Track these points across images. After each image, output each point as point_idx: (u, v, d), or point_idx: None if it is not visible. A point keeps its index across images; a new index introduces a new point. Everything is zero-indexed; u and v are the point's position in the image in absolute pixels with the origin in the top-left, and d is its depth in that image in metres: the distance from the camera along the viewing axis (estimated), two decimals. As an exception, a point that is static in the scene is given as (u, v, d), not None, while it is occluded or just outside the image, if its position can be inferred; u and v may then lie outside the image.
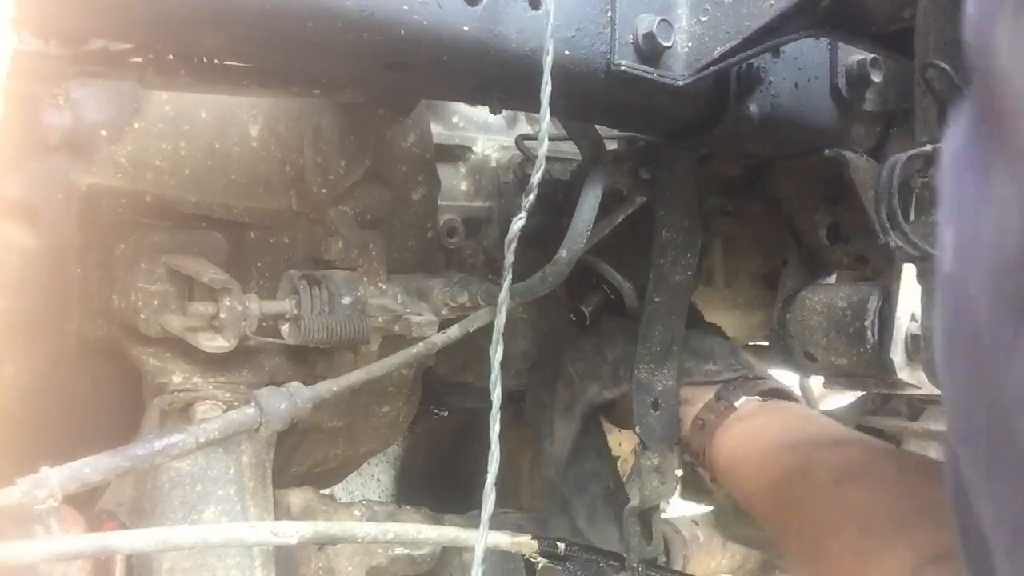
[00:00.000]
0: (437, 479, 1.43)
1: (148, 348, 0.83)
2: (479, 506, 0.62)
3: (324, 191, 0.89)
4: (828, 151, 0.89)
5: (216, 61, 0.67)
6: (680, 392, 0.99)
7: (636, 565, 0.98)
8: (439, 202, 1.03)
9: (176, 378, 0.84)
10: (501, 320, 0.64)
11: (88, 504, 0.81)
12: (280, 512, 0.88)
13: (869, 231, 0.77)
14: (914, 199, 0.72)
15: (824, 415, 1.09)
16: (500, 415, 0.62)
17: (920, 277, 0.81)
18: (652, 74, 0.70)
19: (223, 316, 0.77)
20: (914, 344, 0.91)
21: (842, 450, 0.82)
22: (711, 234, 1.19)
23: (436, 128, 1.06)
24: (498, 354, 0.63)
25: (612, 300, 1.13)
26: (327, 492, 0.98)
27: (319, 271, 0.86)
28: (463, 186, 1.13)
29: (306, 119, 0.88)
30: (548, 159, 0.64)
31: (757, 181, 1.07)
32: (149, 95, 0.80)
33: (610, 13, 0.68)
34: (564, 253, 0.83)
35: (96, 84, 0.77)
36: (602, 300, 1.14)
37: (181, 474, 0.80)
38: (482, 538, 0.63)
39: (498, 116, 1.15)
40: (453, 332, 0.88)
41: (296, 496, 0.91)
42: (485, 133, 1.15)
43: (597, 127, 0.87)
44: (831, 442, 0.84)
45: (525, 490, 1.38)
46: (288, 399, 0.75)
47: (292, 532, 0.73)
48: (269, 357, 0.90)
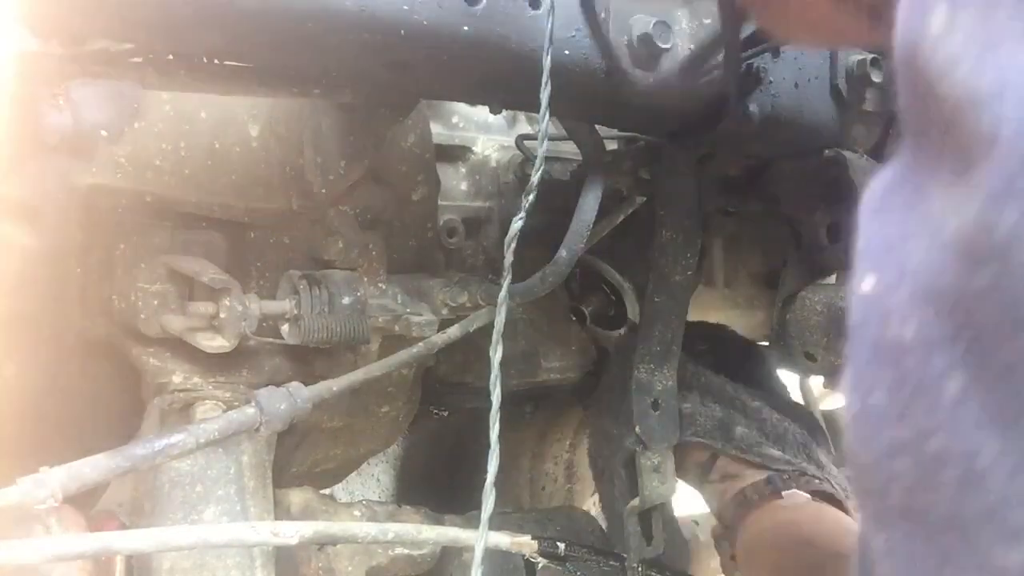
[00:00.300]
0: (437, 479, 1.43)
1: (148, 348, 0.83)
2: (479, 506, 0.62)
3: (324, 191, 0.89)
4: (828, 151, 0.89)
5: (216, 61, 0.67)
6: (733, 465, 0.98)
7: (636, 565, 0.98)
8: (439, 202, 1.03)
9: (176, 378, 0.84)
10: (501, 320, 0.64)
11: (88, 504, 0.81)
12: (280, 512, 0.88)
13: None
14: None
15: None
16: (500, 415, 0.62)
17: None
18: (652, 75, 0.70)
19: (223, 316, 0.77)
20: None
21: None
22: (711, 234, 1.20)
23: (436, 128, 1.06)
24: (498, 354, 0.63)
25: (612, 300, 1.13)
26: (327, 492, 0.98)
27: (319, 271, 0.86)
28: (463, 186, 1.12)
29: (306, 119, 0.88)
30: (548, 159, 0.64)
31: (757, 181, 1.07)
32: (149, 95, 0.80)
33: (606, 14, 0.68)
34: (564, 253, 0.83)
35: (96, 84, 0.77)
36: (602, 300, 1.14)
37: (181, 474, 0.80)
38: (482, 538, 0.63)
39: (498, 116, 1.15)
40: (453, 332, 0.88)
41: (296, 496, 0.91)
42: (485, 133, 1.15)
43: (597, 127, 0.87)
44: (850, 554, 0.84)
45: (525, 490, 1.39)
46: (288, 399, 0.75)
47: (292, 532, 0.73)
48: (269, 357, 0.90)
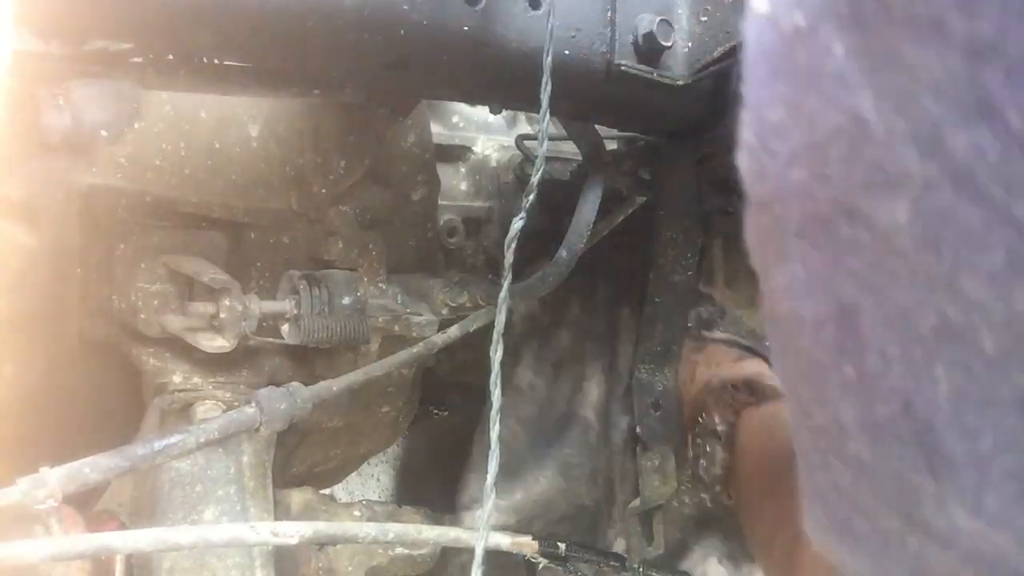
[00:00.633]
0: (437, 479, 1.43)
1: (148, 348, 0.83)
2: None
3: (324, 191, 0.89)
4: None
5: (216, 61, 0.67)
6: (687, 348, 0.98)
7: (636, 565, 0.98)
8: (439, 202, 1.03)
9: (176, 378, 0.84)
10: (501, 320, 0.64)
11: (88, 504, 0.81)
12: (280, 512, 0.88)
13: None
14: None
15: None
16: (500, 415, 0.62)
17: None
18: (652, 74, 0.70)
19: (223, 316, 0.77)
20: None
21: None
22: (711, 234, 1.19)
23: (436, 128, 1.06)
24: (498, 354, 0.63)
25: None
26: (327, 492, 0.98)
27: (319, 271, 0.86)
28: (463, 186, 1.12)
29: (306, 119, 0.88)
30: (548, 159, 0.64)
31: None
32: (149, 95, 0.80)
33: (610, 13, 0.68)
34: (564, 253, 0.83)
35: (96, 84, 0.77)
36: None
37: (181, 474, 0.80)
38: (482, 538, 0.63)
39: (498, 116, 1.15)
40: (453, 332, 0.88)
41: (296, 496, 0.91)
42: (485, 133, 1.15)
43: (597, 127, 0.87)
44: None
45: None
46: (288, 399, 0.75)
47: (292, 532, 0.73)
48: (269, 357, 0.90)
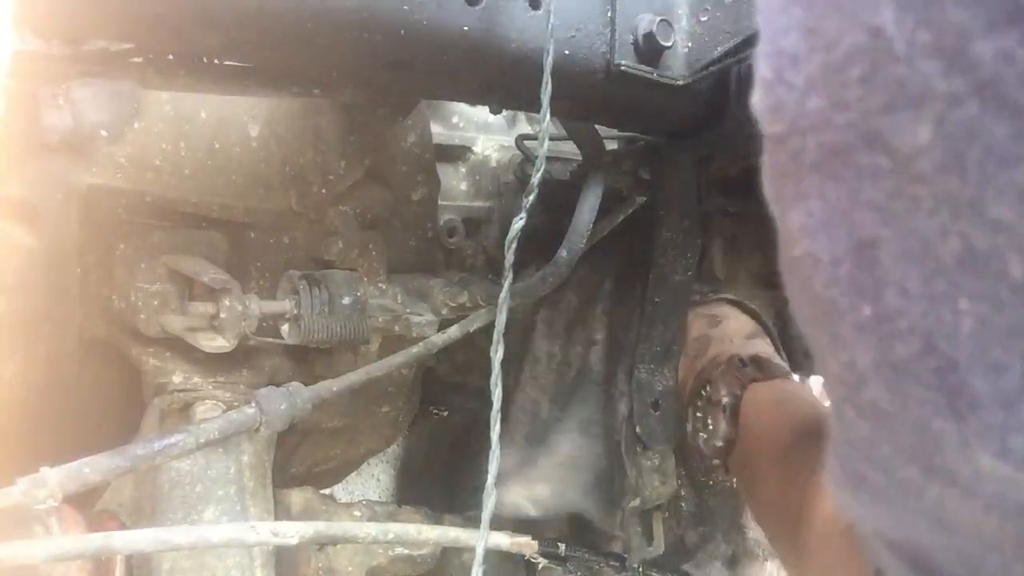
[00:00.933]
0: (437, 479, 1.43)
1: (148, 348, 0.83)
2: (479, 506, 0.62)
3: (324, 191, 0.89)
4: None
5: (216, 61, 0.67)
6: (701, 319, 0.98)
7: (636, 565, 0.98)
8: (439, 202, 1.03)
9: (176, 378, 0.84)
10: (501, 320, 0.64)
11: (88, 504, 0.81)
12: (280, 512, 0.88)
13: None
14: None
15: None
16: (500, 415, 0.62)
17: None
18: (652, 74, 0.70)
19: (223, 316, 0.77)
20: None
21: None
22: (711, 234, 1.19)
23: (436, 128, 1.06)
24: (498, 354, 0.63)
25: None
26: (327, 492, 0.98)
27: (319, 271, 0.86)
28: (463, 186, 1.12)
29: (306, 119, 0.88)
30: (548, 159, 0.64)
31: (757, 181, 1.07)
32: (149, 95, 0.80)
33: (610, 13, 0.68)
34: (564, 253, 0.83)
35: (96, 84, 0.77)
36: None
37: (181, 474, 0.80)
38: (482, 538, 0.63)
39: (498, 116, 1.15)
40: (453, 332, 0.88)
41: (296, 496, 0.91)
42: (485, 133, 1.15)
43: (597, 127, 0.87)
44: None
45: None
46: (288, 399, 0.75)
47: (292, 532, 0.73)
48: (269, 357, 0.90)
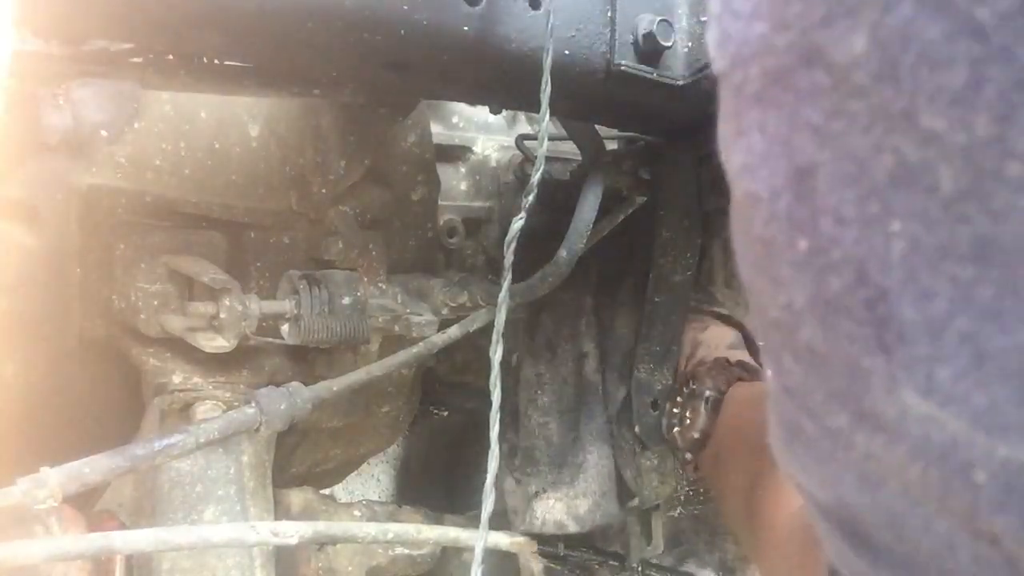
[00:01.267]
0: (437, 479, 1.43)
1: (148, 348, 0.83)
2: (479, 506, 0.62)
3: (324, 191, 0.89)
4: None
5: (216, 61, 0.67)
6: (692, 325, 0.98)
7: (636, 565, 0.98)
8: (439, 202, 1.03)
9: (176, 378, 0.84)
10: (501, 320, 0.64)
11: (88, 504, 0.81)
12: (280, 512, 0.88)
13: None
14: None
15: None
16: (500, 415, 0.62)
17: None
18: (652, 74, 0.70)
19: (223, 316, 0.77)
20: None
21: None
22: (711, 234, 1.19)
23: (436, 128, 1.06)
24: (498, 354, 0.63)
25: None
26: (327, 492, 0.98)
27: (319, 271, 0.86)
28: (463, 186, 1.12)
29: (306, 119, 0.88)
30: (548, 159, 0.64)
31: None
32: (149, 95, 0.80)
33: (610, 13, 0.68)
34: (564, 253, 0.83)
35: (96, 84, 0.77)
36: None
37: (181, 474, 0.80)
38: (482, 538, 0.63)
39: (498, 116, 1.15)
40: (453, 332, 0.88)
41: (296, 496, 0.91)
42: (485, 133, 1.15)
43: (597, 127, 0.87)
44: None
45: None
46: (288, 399, 0.75)
47: (292, 532, 0.73)
48: (269, 357, 0.90)
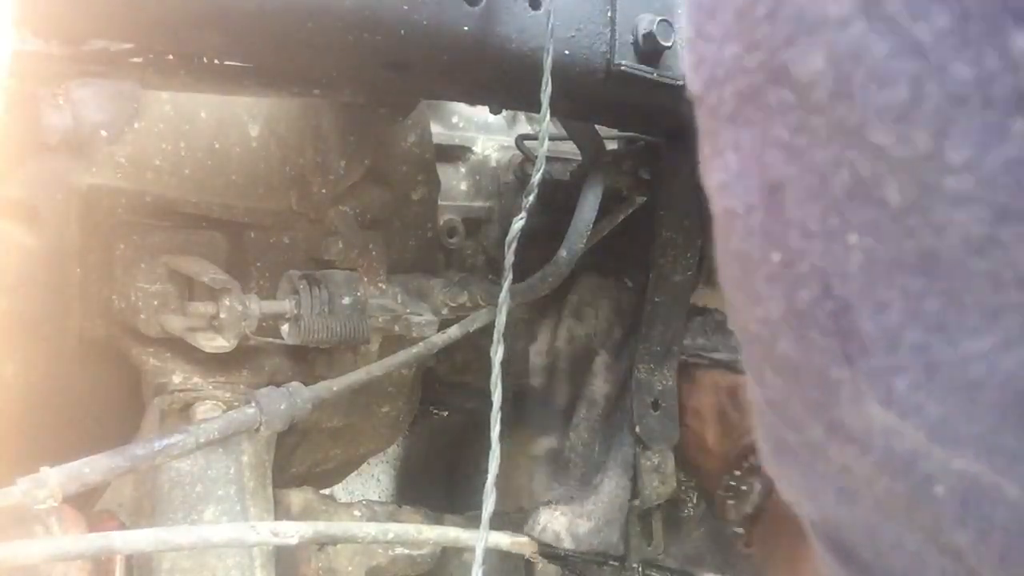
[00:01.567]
0: (437, 479, 1.43)
1: (148, 348, 0.83)
2: (479, 506, 0.62)
3: (324, 191, 0.89)
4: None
5: (216, 61, 0.67)
6: (716, 396, 0.98)
7: (636, 565, 0.98)
8: (439, 202, 1.03)
9: (176, 378, 0.84)
10: (501, 320, 0.64)
11: (88, 504, 0.81)
12: (280, 512, 0.88)
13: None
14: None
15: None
16: (500, 415, 0.62)
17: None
18: (652, 74, 0.70)
19: (223, 316, 0.77)
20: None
21: None
22: (711, 234, 1.19)
23: (436, 128, 1.06)
24: (498, 354, 0.63)
25: None
26: (327, 492, 0.98)
27: (319, 271, 0.86)
28: (463, 186, 1.12)
29: (306, 119, 0.88)
30: (548, 159, 0.64)
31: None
32: (149, 95, 0.80)
33: (610, 13, 0.68)
34: (564, 253, 0.83)
35: (96, 84, 0.77)
36: None
37: (181, 474, 0.80)
38: (482, 538, 0.63)
39: (498, 116, 1.15)
40: (453, 332, 0.88)
41: (296, 496, 0.91)
42: (485, 133, 1.15)
43: (597, 127, 0.87)
44: None
45: (525, 490, 1.38)
46: (288, 399, 0.75)
47: (292, 532, 0.73)
48: (269, 357, 0.90)
